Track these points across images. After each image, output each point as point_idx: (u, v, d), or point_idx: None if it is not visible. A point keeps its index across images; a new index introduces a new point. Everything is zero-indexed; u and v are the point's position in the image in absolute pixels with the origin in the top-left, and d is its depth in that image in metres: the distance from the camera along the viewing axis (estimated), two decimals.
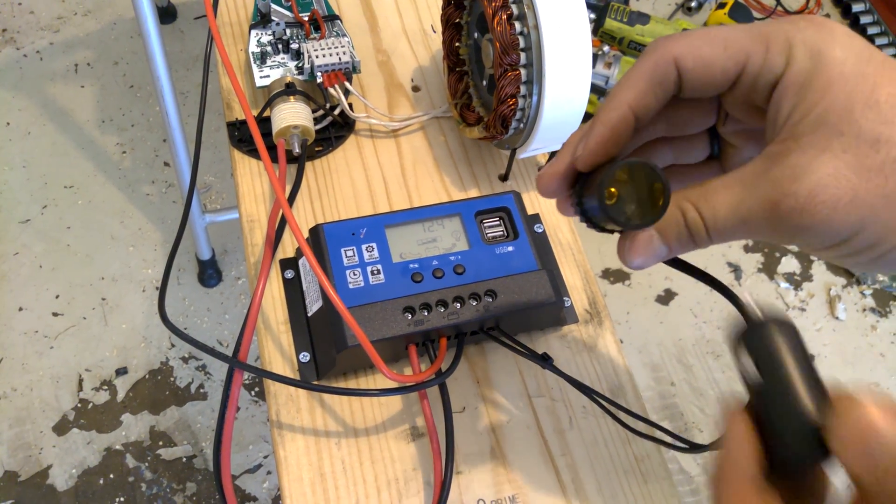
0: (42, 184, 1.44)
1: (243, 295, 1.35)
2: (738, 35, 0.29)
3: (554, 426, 0.48)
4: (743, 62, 0.29)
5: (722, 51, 0.29)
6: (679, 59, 0.30)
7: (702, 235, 0.29)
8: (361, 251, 0.47)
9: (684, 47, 0.30)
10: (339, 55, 0.56)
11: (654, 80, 0.30)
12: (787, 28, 0.28)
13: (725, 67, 0.29)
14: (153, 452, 1.19)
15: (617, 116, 0.31)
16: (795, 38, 0.28)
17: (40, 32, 1.64)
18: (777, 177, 0.27)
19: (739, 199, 0.28)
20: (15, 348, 1.27)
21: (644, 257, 0.31)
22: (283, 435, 0.46)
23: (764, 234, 0.28)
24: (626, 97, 0.31)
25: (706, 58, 0.29)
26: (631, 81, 0.31)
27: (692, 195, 0.29)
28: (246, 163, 0.56)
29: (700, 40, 0.30)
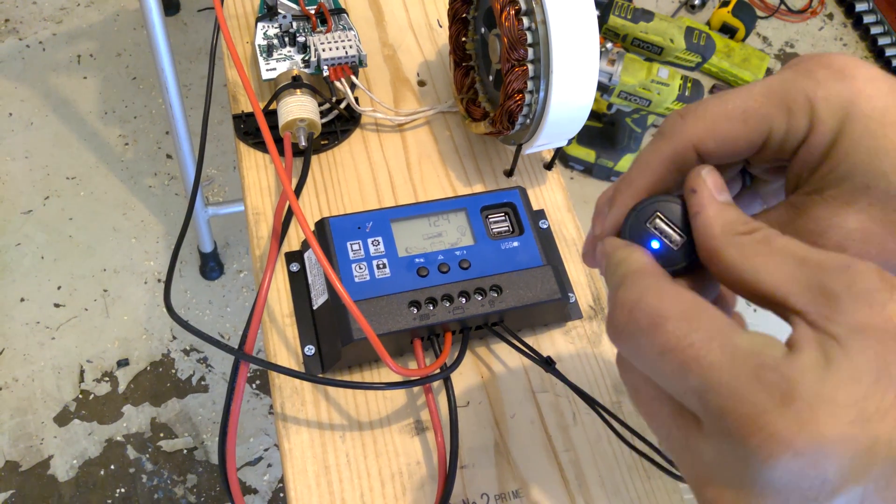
0: (44, 175, 1.44)
1: (245, 288, 1.36)
2: (757, 102, 0.28)
3: (558, 422, 0.48)
4: (766, 133, 0.28)
5: (742, 125, 0.28)
6: (699, 145, 0.29)
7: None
8: (367, 245, 0.47)
9: (703, 130, 0.28)
10: (346, 49, 0.56)
11: (673, 167, 0.29)
12: (807, 85, 0.27)
13: (749, 140, 0.28)
14: (154, 444, 1.20)
15: (633, 200, 0.30)
16: (817, 96, 0.27)
17: (43, 23, 1.64)
18: (800, 229, 0.27)
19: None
20: (17, 339, 1.27)
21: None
22: (288, 427, 0.46)
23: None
24: (643, 183, 0.30)
25: (728, 137, 0.28)
26: (648, 166, 0.30)
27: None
28: (252, 155, 0.56)
29: (718, 118, 0.28)
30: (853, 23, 1.90)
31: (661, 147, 0.30)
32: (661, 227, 0.28)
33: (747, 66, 1.70)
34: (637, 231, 0.29)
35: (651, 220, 0.28)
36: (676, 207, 0.28)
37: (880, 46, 1.83)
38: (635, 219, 0.29)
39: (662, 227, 0.28)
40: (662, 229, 0.28)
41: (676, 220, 0.28)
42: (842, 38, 1.89)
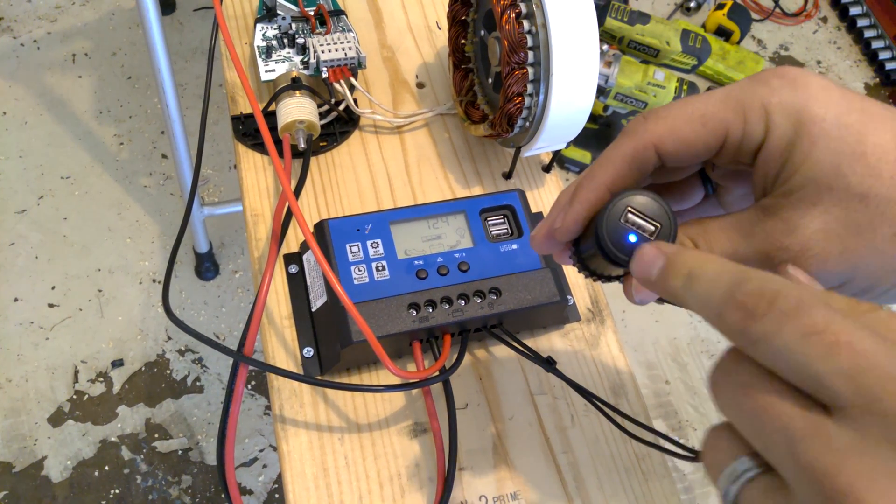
0: (39, 174, 1.43)
1: (241, 288, 1.35)
2: (715, 107, 0.30)
3: (556, 424, 0.48)
4: (723, 136, 0.29)
5: (701, 127, 0.30)
6: (659, 145, 0.30)
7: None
8: (366, 247, 0.47)
9: (663, 131, 0.30)
10: (345, 51, 0.56)
11: (633, 165, 0.31)
12: (762, 92, 0.29)
13: (707, 143, 0.30)
14: (149, 445, 1.19)
15: (595, 197, 0.31)
16: (771, 103, 0.28)
17: (38, 21, 1.63)
18: (770, 229, 0.28)
19: (735, 244, 0.29)
20: (10, 339, 1.26)
21: (647, 296, 0.31)
22: (287, 430, 0.46)
23: None
24: (604, 178, 0.31)
25: (686, 138, 0.30)
26: (610, 163, 0.31)
27: (692, 231, 0.30)
28: (250, 157, 0.56)
29: (678, 119, 0.30)
30: (847, 26, 1.91)
31: (622, 146, 0.31)
32: (634, 220, 0.30)
33: (742, 69, 1.71)
34: (615, 230, 0.30)
35: (624, 216, 0.30)
36: (643, 199, 0.30)
37: (874, 50, 1.84)
38: (610, 218, 0.30)
39: (636, 220, 0.30)
40: (636, 222, 0.30)
41: (647, 210, 0.30)
42: (836, 41, 1.89)
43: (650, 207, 0.30)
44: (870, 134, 0.27)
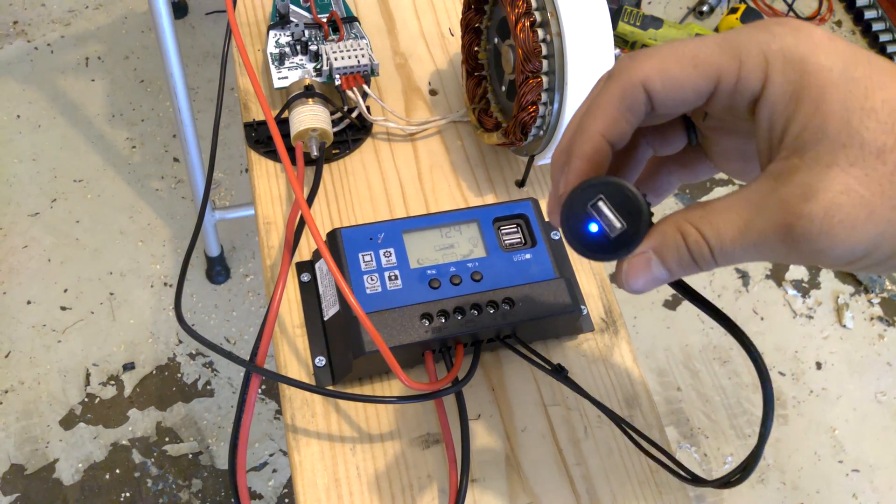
0: (52, 177, 1.44)
1: (251, 292, 1.35)
2: (709, 49, 0.28)
3: (569, 435, 0.48)
4: (715, 79, 0.27)
5: (692, 69, 0.28)
6: (647, 82, 0.28)
7: (706, 258, 0.28)
8: (379, 256, 0.47)
9: (651, 69, 0.28)
10: (358, 58, 0.56)
11: (622, 106, 0.29)
12: (761, 38, 0.27)
13: (697, 86, 0.28)
14: (159, 448, 1.20)
15: (591, 148, 0.30)
16: (771, 48, 0.26)
17: (51, 25, 1.64)
18: (787, 197, 0.26)
19: (747, 221, 0.27)
20: (23, 341, 1.27)
21: (642, 281, 0.29)
22: (299, 439, 0.46)
23: (775, 257, 0.27)
24: (598, 126, 0.29)
25: (675, 78, 0.28)
26: (599, 109, 0.29)
27: (693, 216, 0.28)
28: (263, 164, 0.56)
29: (667, 59, 0.28)
30: (862, 30, 1.90)
31: (610, 88, 0.29)
32: (603, 210, 0.28)
33: None
34: (575, 211, 0.28)
35: (594, 203, 0.28)
36: (624, 192, 0.28)
37: (889, 54, 1.82)
38: (579, 196, 0.28)
39: (605, 210, 0.28)
40: (604, 213, 0.28)
41: (621, 205, 0.28)
42: None
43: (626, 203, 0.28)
44: (878, 89, 0.25)
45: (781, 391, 1.36)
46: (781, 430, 1.32)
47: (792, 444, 1.32)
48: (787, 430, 1.33)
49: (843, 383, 1.38)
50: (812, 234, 0.25)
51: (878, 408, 1.36)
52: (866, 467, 1.30)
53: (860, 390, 1.38)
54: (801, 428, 1.33)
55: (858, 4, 1.89)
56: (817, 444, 1.32)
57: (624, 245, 0.28)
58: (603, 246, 0.29)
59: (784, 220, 0.25)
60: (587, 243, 0.28)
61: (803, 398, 1.36)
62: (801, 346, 1.41)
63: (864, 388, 1.38)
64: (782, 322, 1.43)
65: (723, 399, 1.33)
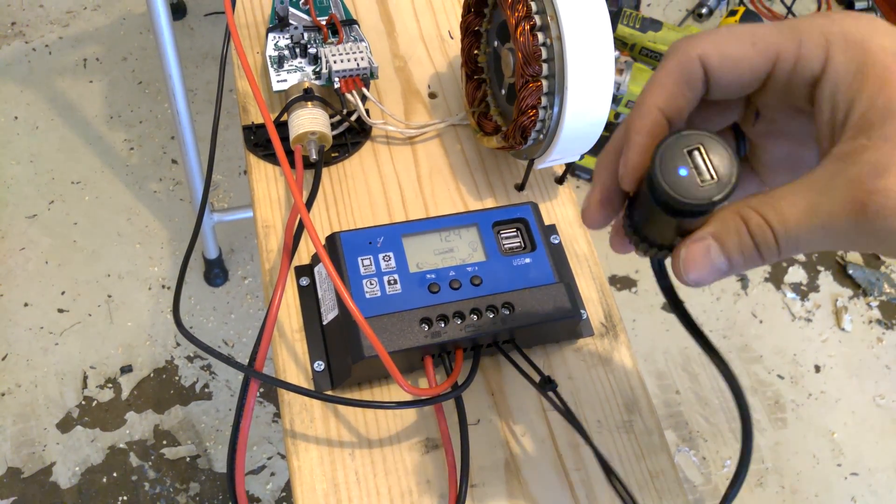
0: (49, 179, 1.44)
1: (250, 294, 1.35)
2: (767, 31, 0.28)
3: (569, 440, 0.48)
4: (773, 58, 0.27)
5: (749, 47, 0.27)
6: (704, 57, 0.28)
7: (770, 245, 0.26)
8: (378, 260, 0.47)
9: (709, 45, 0.28)
10: (357, 61, 0.56)
11: (681, 80, 0.29)
12: (821, 21, 0.27)
13: (754, 64, 0.28)
14: (157, 451, 1.19)
15: (650, 122, 0.29)
16: (832, 31, 0.26)
17: (50, 26, 1.64)
18: (857, 175, 0.24)
19: (814, 203, 0.25)
20: (20, 344, 1.27)
21: (701, 271, 0.27)
22: (297, 445, 0.45)
23: (844, 241, 0.26)
24: (655, 100, 0.29)
25: (733, 55, 0.28)
26: (657, 84, 0.29)
27: (754, 202, 0.27)
28: (261, 167, 0.56)
29: (726, 37, 0.28)
30: None
31: (667, 64, 0.29)
32: (696, 159, 0.27)
33: None
34: (672, 153, 0.27)
35: (690, 149, 0.27)
36: (719, 148, 0.27)
37: None
38: (675, 141, 0.27)
39: (698, 160, 0.27)
40: (697, 163, 0.27)
41: (714, 159, 0.26)
42: None
43: (720, 158, 0.26)
44: None
45: (780, 394, 1.36)
46: (780, 434, 1.32)
47: (791, 447, 1.31)
48: (785, 434, 1.32)
49: (841, 386, 1.38)
50: (888, 210, 0.24)
51: (877, 411, 1.36)
52: (865, 471, 1.30)
53: (859, 394, 1.38)
54: (799, 431, 1.33)
55: (857, 7, 1.89)
56: (816, 447, 1.32)
57: (708, 198, 0.27)
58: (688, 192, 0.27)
59: (855, 198, 0.24)
60: (675, 185, 0.27)
61: (802, 401, 1.36)
62: (800, 349, 1.41)
63: (862, 391, 1.38)
64: (781, 325, 1.43)
65: (721, 402, 1.33)
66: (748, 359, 1.39)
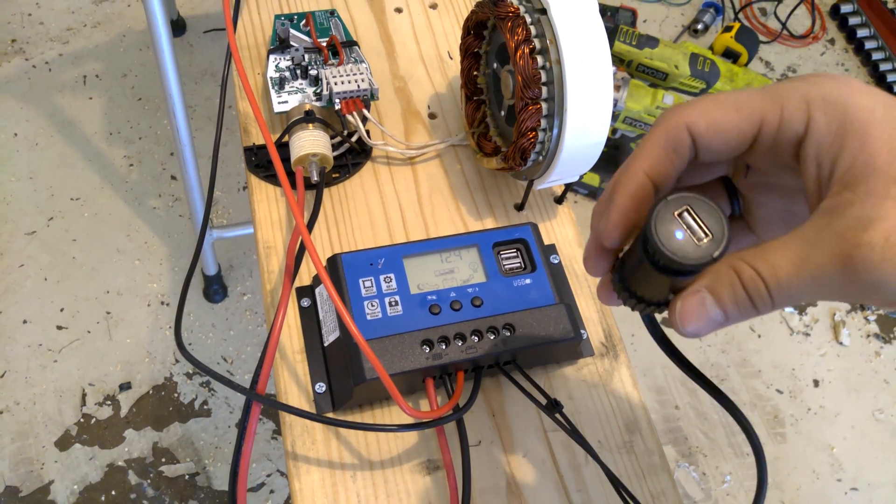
0: (49, 195, 1.44)
1: (249, 311, 1.35)
2: (750, 97, 0.29)
3: (570, 461, 0.48)
4: (758, 122, 0.28)
5: (734, 113, 0.29)
6: (691, 125, 0.29)
7: (762, 296, 0.27)
8: (379, 282, 0.47)
9: (695, 113, 0.29)
10: (358, 82, 0.56)
11: (667, 147, 0.30)
12: (800, 85, 0.28)
13: (740, 129, 0.29)
14: (156, 469, 1.19)
15: (635, 185, 0.30)
16: (811, 93, 0.27)
17: (49, 43, 1.64)
18: (844, 229, 0.25)
19: (803, 255, 0.26)
20: (19, 361, 1.26)
21: (697, 323, 0.28)
22: (299, 467, 0.45)
23: (834, 292, 0.26)
24: (642, 165, 0.30)
25: (718, 121, 0.29)
26: (645, 150, 0.30)
27: (746, 255, 0.28)
28: (263, 188, 0.56)
29: (711, 105, 0.29)
30: (854, 48, 1.91)
31: (654, 131, 0.30)
32: (688, 220, 0.28)
33: None
34: (664, 219, 0.28)
35: (680, 212, 0.28)
36: (706, 207, 0.28)
37: (882, 72, 1.84)
38: (664, 207, 0.28)
39: (690, 221, 0.28)
40: (689, 224, 0.28)
41: (705, 218, 0.27)
42: (843, 63, 1.89)
43: (708, 216, 0.27)
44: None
45: (779, 409, 1.36)
46: (780, 449, 1.32)
47: (790, 462, 1.31)
48: (785, 449, 1.32)
49: (840, 401, 1.38)
50: (873, 262, 0.25)
51: (876, 425, 1.36)
52: (865, 486, 1.30)
53: (858, 408, 1.37)
54: (799, 446, 1.33)
55: (851, 23, 1.91)
56: (816, 462, 1.32)
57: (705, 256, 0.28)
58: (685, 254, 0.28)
59: (842, 251, 0.25)
60: (672, 249, 0.28)
61: (801, 416, 1.36)
62: (799, 364, 1.41)
63: (861, 405, 1.38)
64: (779, 339, 1.44)
65: (721, 417, 1.33)
66: (747, 373, 1.39)
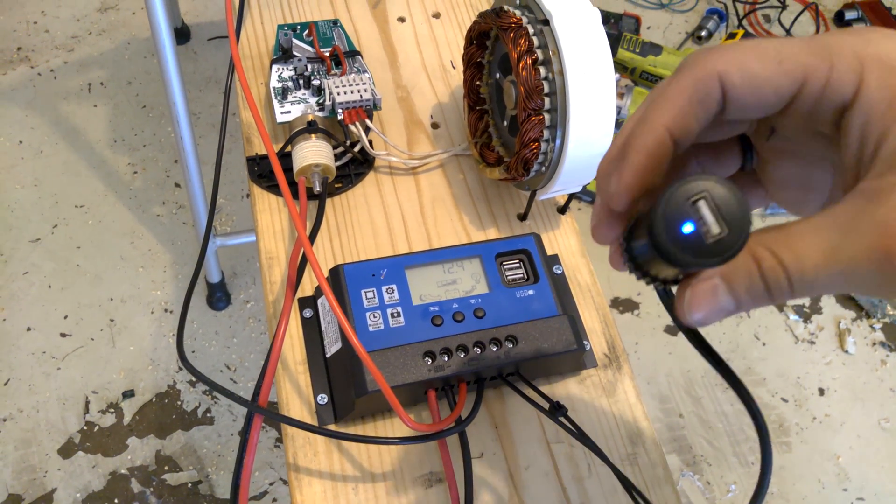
0: (53, 203, 1.44)
1: (252, 318, 1.35)
2: (795, 48, 0.25)
3: (573, 473, 0.47)
4: (801, 80, 0.25)
5: (776, 66, 0.25)
6: (724, 75, 0.25)
7: (781, 287, 0.24)
8: (382, 293, 0.47)
9: (731, 61, 0.25)
10: (361, 92, 0.56)
11: (695, 99, 0.26)
12: (855, 41, 0.24)
13: (779, 86, 0.25)
14: (158, 477, 1.19)
15: (653, 141, 0.26)
16: (866, 52, 0.24)
17: (55, 51, 1.65)
18: (885, 219, 0.22)
19: (834, 245, 0.23)
20: (22, 369, 1.26)
21: (706, 311, 0.25)
22: (300, 479, 0.45)
23: (864, 287, 0.24)
24: (663, 119, 0.26)
25: (756, 74, 0.25)
26: (668, 100, 0.26)
27: (768, 239, 0.24)
28: (265, 198, 0.56)
29: (749, 53, 0.25)
30: None
31: (682, 78, 0.26)
32: (703, 211, 0.24)
33: None
34: (676, 205, 0.24)
35: (695, 199, 0.24)
36: (730, 197, 0.24)
37: None
38: (679, 191, 0.24)
39: (705, 212, 0.24)
40: (704, 215, 0.24)
41: (723, 208, 0.24)
42: None
43: (729, 207, 0.24)
44: None
45: (784, 418, 1.35)
46: (785, 458, 1.31)
47: (796, 471, 1.31)
48: (790, 458, 1.32)
49: (846, 410, 1.37)
50: None
51: (882, 434, 1.35)
52: (871, 495, 1.29)
53: (864, 417, 1.37)
54: (804, 455, 1.32)
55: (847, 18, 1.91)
56: (821, 471, 1.31)
57: (717, 254, 0.24)
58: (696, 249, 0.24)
59: (883, 245, 0.22)
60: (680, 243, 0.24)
61: (806, 425, 1.35)
62: (804, 372, 1.40)
63: (867, 414, 1.37)
64: (784, 347, 1.43)
65: (725, 426, 1.32)
66: (751, 382, 1.38)
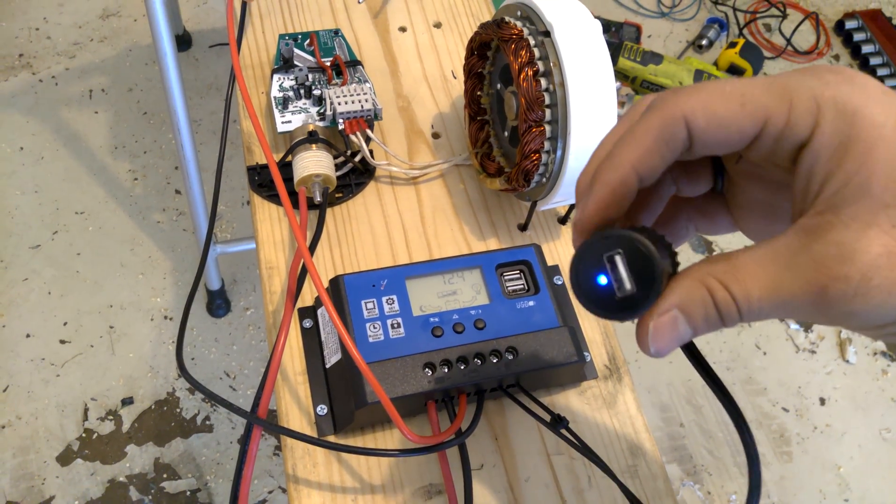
0: (53, 209, 1.44)
1: (252, 326, 1.35)
2: (757, 91, 0.26)
3: (573, 485, 0.47)
4: (762, 121, 0.26)
5: (738, 108, 0.26)
6: (689, 118, 0.27)
7: (732, 316, 0.26)
8: (382, 304, 0.47)
9: (696, 104, 0.27)
10: (362, 102, 0.56)
11: (660, 140, 0.27)
12: (813, 84, 0.26)
13: (742, 127, 0.26)
14: (157, 485, 1.18)
15: (618, 178, 0.28)
16: (824, 96, 0.25)
17: (56, 58, 1.65)
18: (821, 256, 0.24)
19: (777, 279, 0.25)
20: (21, 375, 1.26)
21: (668, 342, 0.27)
22: (300, 490, 0.45)
23: (801, 316, 0.26)
24: (630, 157, 0.28)
25: (720, 116, 0.26)
26: (636, 139, 0.28)
27: (718, 271, 0.26)
28: (266, 208, 0.56)
29: (713, 95, 0.27)
30: (859, 64, 1.91)
31: (649, 119, 0.28)
32: (617, 267, 0.26)
33: None
34: (590, 257, 0.26)
35: (611, 254, 0.26)
36: (643, 256, 0.26)
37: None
38: (595, 245, 0.26)
39: (620, 267, 0.26)
40: (617, 270, 0.26)
41: (637, 269, 0.26)
42: None
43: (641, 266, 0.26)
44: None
45: (785, 427, 1.35)
46: (786, 468, 1.31)
47: (797, 482, 1.30)
48: (791, 468, 1.31)
49: (847, 420, 1.37)
50: (847, 297, 0.24)
51: (884, 445, 1.35)
52: None
53: (865, 427, 1.36)
54: (805, 465, 1.32)
55: (856, 39, 1.91)
56: (822, 482, 1.30)
57: (628, 308, 0.27)
58: (606, 303, 0.27)
59: (817, 281, 0.24)
60: (591, 295, 0.27)
61: (807, 435, 1.35)
62: (805, 382, 1.40)
63: (868, 424, 1.37)
64: (785, 357, 1.43)
65: (726, 435, 1.32)
66: (752, 391, 1.38)
